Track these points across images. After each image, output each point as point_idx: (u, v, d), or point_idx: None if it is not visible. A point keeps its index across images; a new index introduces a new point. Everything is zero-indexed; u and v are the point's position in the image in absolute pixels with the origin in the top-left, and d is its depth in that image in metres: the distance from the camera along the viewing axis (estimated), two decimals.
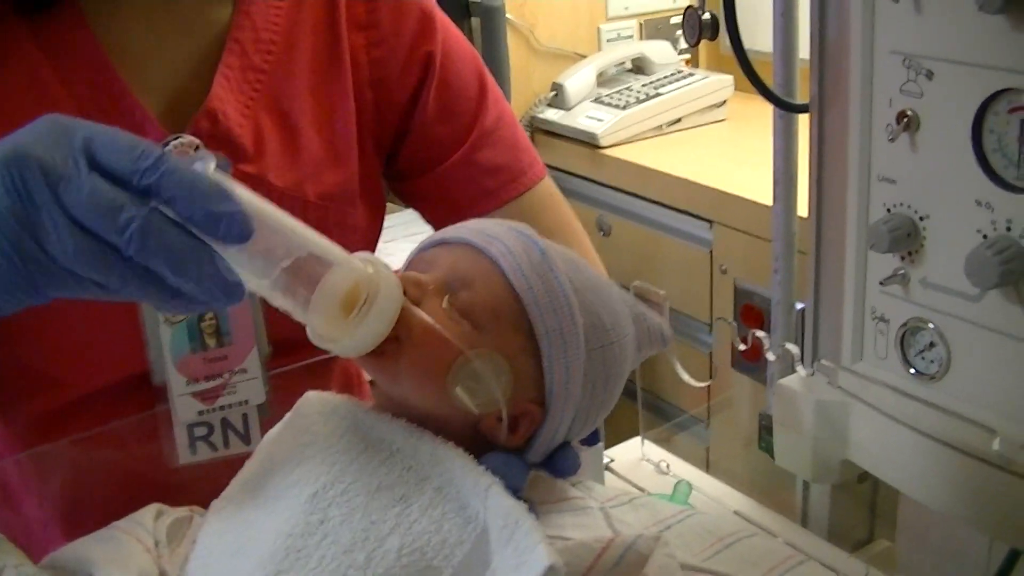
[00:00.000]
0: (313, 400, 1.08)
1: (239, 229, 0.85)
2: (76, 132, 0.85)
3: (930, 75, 1.15)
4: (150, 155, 0.84)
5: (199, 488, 1.22)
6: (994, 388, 1.20)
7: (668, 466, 1.60)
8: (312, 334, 0.95)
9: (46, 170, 0.83)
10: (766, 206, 1.63)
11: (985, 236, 1.13)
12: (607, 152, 3.19)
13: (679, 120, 3.33)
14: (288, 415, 1.07)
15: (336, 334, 0.94)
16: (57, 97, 1.22)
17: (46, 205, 0.82)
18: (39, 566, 1.15)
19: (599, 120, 3.25)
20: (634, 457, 1.65)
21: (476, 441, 1.00)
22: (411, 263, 1.05)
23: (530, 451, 1.05)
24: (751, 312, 1.74)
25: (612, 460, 1.63)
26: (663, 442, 1.68)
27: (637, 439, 1.67)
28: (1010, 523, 1.19)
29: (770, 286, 1.63)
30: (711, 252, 2.88)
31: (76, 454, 1.32)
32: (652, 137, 3.27)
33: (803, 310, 1.44)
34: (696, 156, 3.10)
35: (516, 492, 0.98)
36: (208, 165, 0.86)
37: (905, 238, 1.22)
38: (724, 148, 3.18)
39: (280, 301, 0.93)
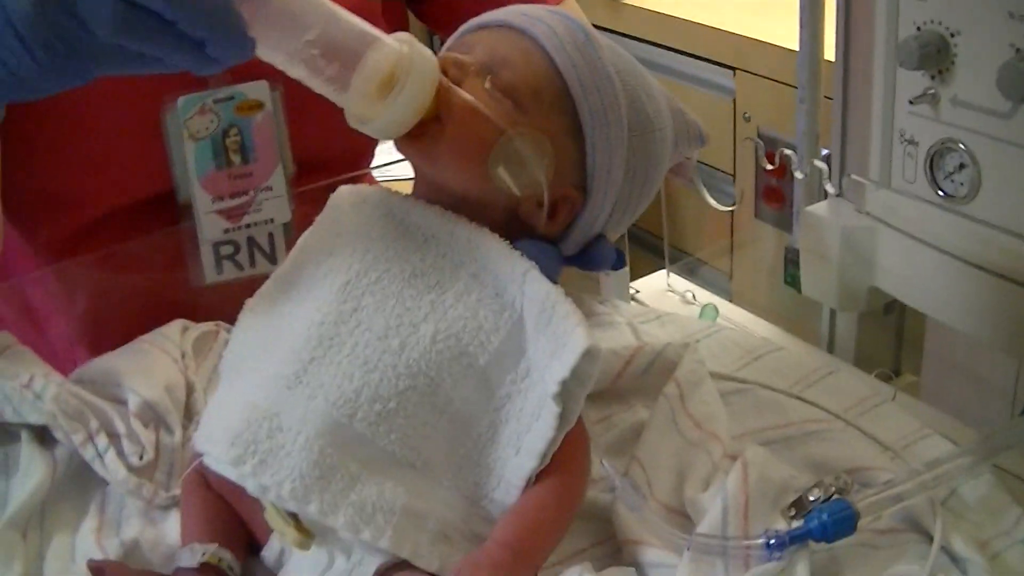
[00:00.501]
0: (345, 192, 1.07)
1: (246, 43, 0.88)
2: None
3: None
4: None
5: (224, 308, 1.24)
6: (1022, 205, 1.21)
7: (694, 296, 1.61)
8: (350, 116, 0.95)
9: None
10: (790, 50, 1.64)
11: (1018, 50, 1.14)
12: (625, 2, 3.18)
13: None
14: (321, 212, 1.07)
15: (373, 113, 0.93)
16: None
17: None
18: (67, 379, 1.17)
19: None
20: (659, 288, 1.66)
21: (512, 229, 0.99)
22: (451, 47, 1.04)
23: (566, 240, 1.04)
24: (777, 159, 1.74)
25: (637, 291, 1.63)
26: (688, 273, 1.69)
27: (662, 271, 1.67)
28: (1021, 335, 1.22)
29: (795, 134, 1.63)
30: (734, 100, 2.86)
31: (100, 272, 1.34)
32: None
33: (829, 154, 1.46)
34: (717, 3, 3.08)
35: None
36: None
37: (935, 55, 1.22)
38: None
39: (314, 82, 0.93)
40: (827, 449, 1.12)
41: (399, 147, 0.98)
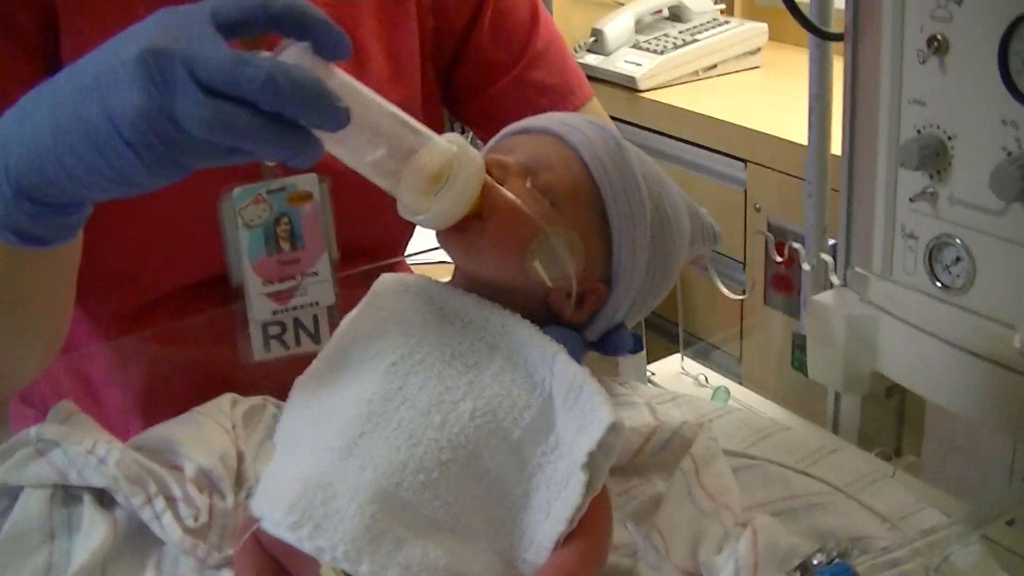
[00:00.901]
0: (388, 280, 1.15)
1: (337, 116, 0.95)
2: (197, 15, 0.94)
3: (959, 0, 1.22)
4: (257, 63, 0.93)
5: (270, 383, 1.33)
6: (1017, 297, 1.27)
7: (706, 379, 1.68)
8: (401, 207, 1.03)
9: (180, 54, 0.91)
10: (799, 145, 1.70)
11: (1009, 153, 1.21)
12: (645, 95, 3.27)
13: (715, 66, 3.41)
14: (365, 298, 1.15)
15: (423, 207, 1.02)
16: (135, 7, 1.29)
17: (181, 83, 0.90)
18: (126, 445, 1.24)
19: (638, 64, 3.32)
20: (674, 371, 1.72)
21: (542, 316, 1.08)
22: (494, 148, 1.13)
23: (590, 328, 1.13)
24: (784, 248, 1.82)
25: (653, 374, 1.70)
26: (700, 357, 1.75)
27: (677, 355, 1.74)
28: (1017, 418, 1.28)
29: (803, 224, 1.70)
30: (745, 191, 2.94)
31: (156, 347, 1.43)
32: (689, 82, 3.35)
33: (835, 245, 1.52)
34: (731, 100, 3.18)
35: None
36: (306, 52, 0.96)
37: (934, 156, 1.29)
38: (758, 92, 3.25)
39: (373, 175, 1.02)
40: (829, 519, 1.18)
41: (442, 239, 1.07)
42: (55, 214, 1.03)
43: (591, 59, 3.43)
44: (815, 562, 0.99)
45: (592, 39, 3.48)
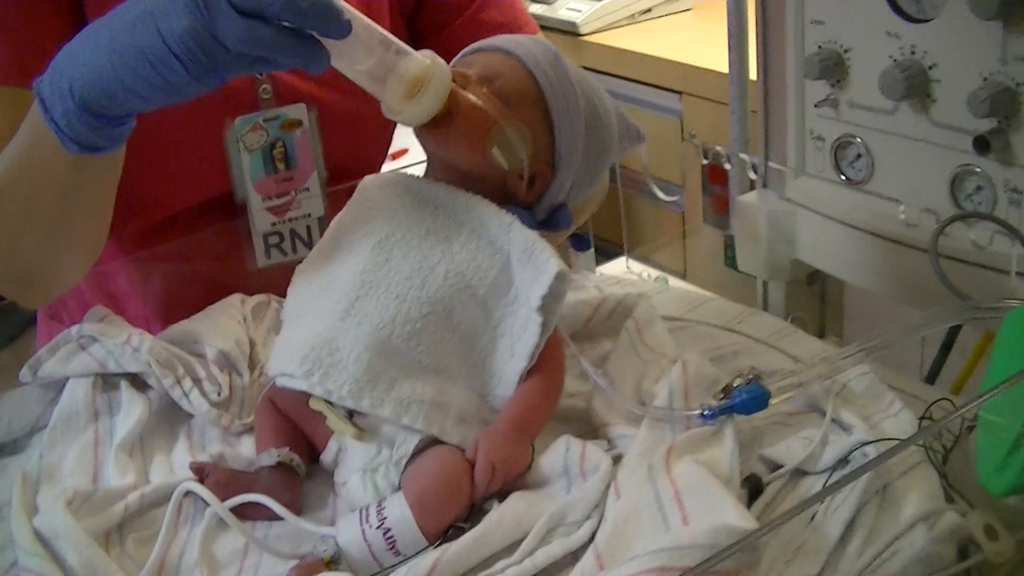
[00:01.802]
0: (371, 179, 1.35)
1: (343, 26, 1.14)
2: None
3: None
4: None
5: (272, 285, 1.52)
6: (908, 182, 1.44)
7: (649, 274, 1.83)
8: (386, 108, 1.23)
9: None
10: (726, 74, 1.80)
11: (895, 60, 1.38)
12: (586, 39, 3.42)
13: (650, 10, 3.55)
14: (353, 195, 1.34)
15: (404, 108, 1.21)
16: None
17: (221, 7, 1.08)
18: (155, 337, 1.41)
19: (578, 11, 3.47)
20: (620, 269, 1.89)
21: (499, 197, 1.27)
22: (457, 63, 1.31)
23: (538, 206, 1.32)
24: (716, 169, 1.95)
25: (601, 274, 1.85)
26: (644, 261, 1.92)
27: (623, 258, 1.92)
28: (920, 289, 1.42)
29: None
30: (681, 121, 3.11)
31: (171, 260, 1.59)
32: (626, 25, 3.50)
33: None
34: (665, 39, 3.33)
35: None
36: None
37: (833, 67, 1.46)
38: (690, 32, 3.39)
39: (364, 82, 1.21)
40: (750, 361, 1.36)
41: (419, 134, 1.26)
42: (109, 124, 1.21)
43: (536, 8, 3.54)
44: (735, 384, 1.17)
45: None
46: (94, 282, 1.59)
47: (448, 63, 1.25)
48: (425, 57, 1.22)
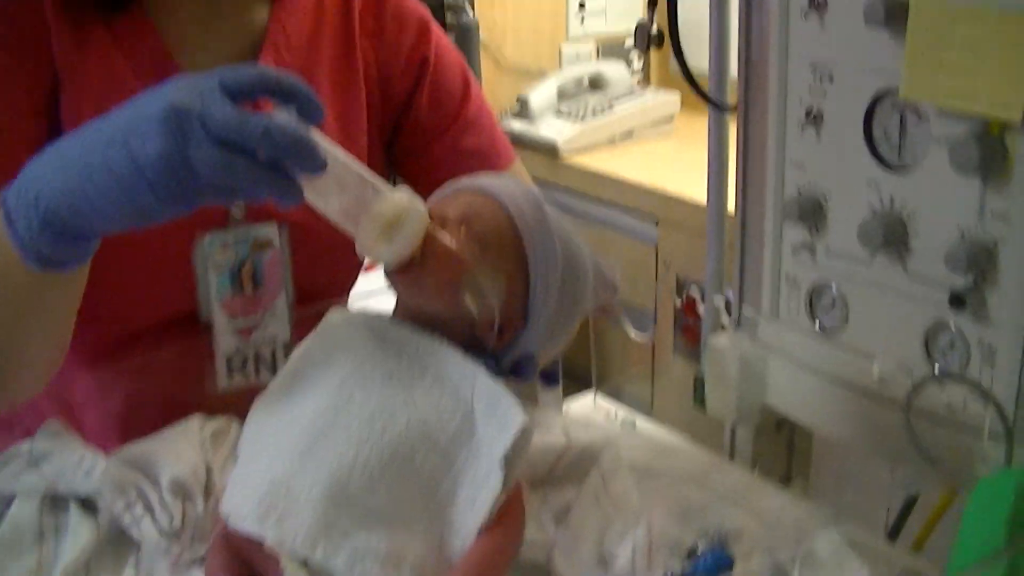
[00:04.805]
0: (336, 314, 1.32)
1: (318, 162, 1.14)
2: (209, 83, 1.12)
3: (831, 78, 1.39)
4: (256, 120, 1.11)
5: (232, 410, 1.47)
6: (882, 334, 1.42)
7: (617, 414, 1.81)
8: (359, 247, 1.21)
9: (196, 113, 1.09)
10: (705, 206, 1.84)
11: (875, 210, 1.37)
12: (566, 160, 3.41)
13: (631, 133, 3.56)
14: (316, 329, 1.31)
15: (378, 248, 1.20)
16: (127, 82, 1.46)
17: (196, 135, 1.08)
18: (108, 458, 1.37)
19: (559, 131, 3.46)
20: (587, 407, 1.86)
21: (466, 343, 1.25)
22: (435, 201, 1.29)
23: (506, 356, 1.30)
24: (690, 301, 1.95)
25: (568, 413, 1.83)
26: (613, 396, 1.88)
27: (591, 393, 1.88)
28: (889, 443, 1.41)
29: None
30: (656, 249, 3.06)
31: (131, 376, 1.56)
32: (606, 147, 3.49)
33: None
34: (645, 164, 3.32)
35: None
36: (291, 114, 1.15)
37: (812, 212, 1.45)
38: (670, 158, 3.39)
39: (337, 219, 1.20)
40: (717, 519, 1.32)
41: (390, 276, 1.24)
42: (74, 242, 1.20)
43: (516, 125, 3.54)
44: (700, 549, 1.16)
45: (518, 106, 3.60)
46: (50, 390, 1.53)
47: (426, 187, 1.24)
48: (402, 196, 1.21)
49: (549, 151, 3.45)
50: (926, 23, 1.24)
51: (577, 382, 1.94)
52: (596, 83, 3.77)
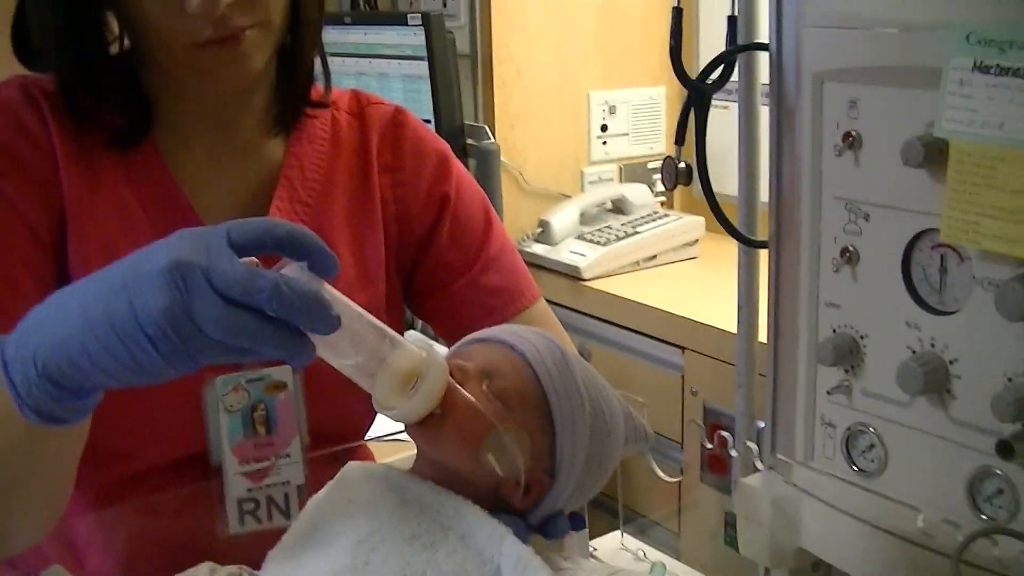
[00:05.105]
0: (355, 467, 1.28)
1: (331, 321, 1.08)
2: (216, 236, 1.07)
3: (867, 217, 1.34)
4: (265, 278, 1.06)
5: (243, 556, 1.41)
6: (923, 481, 1.36)
7: (645, 554, 1.76)
8: (376, 403, 1.17)
9: (201, 268, 1.04)
10: (732, 333, 1.78)
11: (914, 351, 1.32)
12: (589, 284, 3.36)
13: (655, 257, 3.51)
14: (332, 481, 1.27)
15: (395, 404, 1.15)
16: (136, 218, 1.44)
17: (201, 291, 1.03)
18: None
19: (582, 255, 3.42)
20: (615, 547, 1.81)
21: (491, 501, 1.21)
22: (456, 354, 1.26)
23: (533, 513, 1.25)
24: (718, 430, 1.90)
25: (595, 549, 1.79)
26: (640, 533, 1.84)
27: (617, 532, 1.83)
28: None
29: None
30: (682, 376, 3.02)
31: (138, 518, 1.51)
32: (630, 271, 3.45)
33: (762, 427, 1.61)
34: (670, 289, 3.28)
35: None
36: (303, 269, 1.10)
37: (848, 354, 1.40)
38: (695, 283, 3.35)
39: (353, 375, 1.15)
40: None
41: (409, 431, 1.19)
42: (73, 397, 1.14)
43: (538, 248, 3.52)
44: None
45: (539, 230, 3.57)
46: (55, 532, 1.47)
47: (446, 325, 1.20)
48: (421, 350, 1.16)
49: (572, 276, 3.42)
50: (967, 165, 1.20)
51: (603, 508, 1.86)
52: (619, 206, 3.73)
